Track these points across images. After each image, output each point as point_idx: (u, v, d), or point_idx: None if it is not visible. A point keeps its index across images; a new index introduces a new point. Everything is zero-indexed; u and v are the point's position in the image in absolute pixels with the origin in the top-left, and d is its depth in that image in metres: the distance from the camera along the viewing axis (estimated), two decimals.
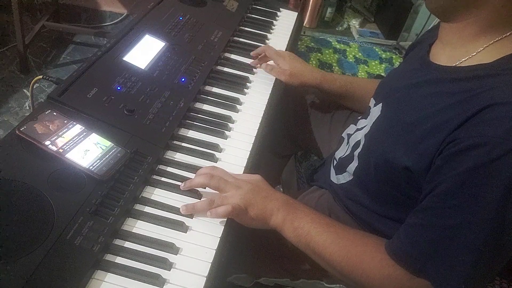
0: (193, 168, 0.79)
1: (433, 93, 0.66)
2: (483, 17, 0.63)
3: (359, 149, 0.81)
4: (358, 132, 0.85)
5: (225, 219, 0.72)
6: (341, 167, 0.87)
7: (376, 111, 0.80)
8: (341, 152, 0.90)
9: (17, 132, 0.69)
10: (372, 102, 0.85)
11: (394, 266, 0.64)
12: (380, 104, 0.79)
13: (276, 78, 1.06)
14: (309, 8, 2.39)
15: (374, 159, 0.74)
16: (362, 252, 0.69)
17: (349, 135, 0.90)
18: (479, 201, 0.56)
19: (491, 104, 0.56)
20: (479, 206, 0.56)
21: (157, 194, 0.74)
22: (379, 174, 0.73)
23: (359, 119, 0.90)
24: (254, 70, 1.09)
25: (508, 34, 0.62)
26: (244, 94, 1.01)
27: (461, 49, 0.67)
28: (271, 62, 1.08)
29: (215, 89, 1.00)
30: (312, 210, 0.75)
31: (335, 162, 0.91)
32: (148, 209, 0.71)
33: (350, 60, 2.34)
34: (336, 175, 0.89)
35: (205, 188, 0.75)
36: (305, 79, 1.03)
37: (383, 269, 0.66)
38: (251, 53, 1.10)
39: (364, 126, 0.83)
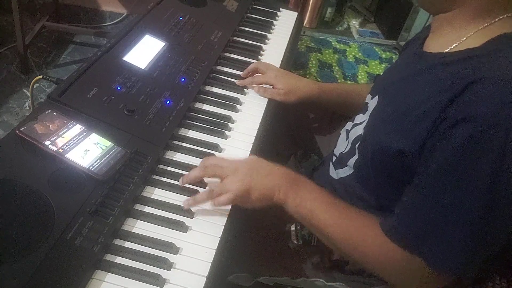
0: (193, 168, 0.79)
1: (424, 80, 0.67)
2: (475, 5, 0.64)
3: (359, 142, 0.82)
4: (357, 126, 0.86)
5: (225, 219, 0.72)
6: (342, 162, 0.87)
7: (372, 103, 0.81)
8: (341, 148, 0.90)
9: (17, 132, 0.69)
10: (368, 97, 0.86)
11: (391, 245, 0.65)
12: (377, 97, 0.80)
13: None
14: (309, 8, 2.39)
15: (371, 147, 0.75)
16: (364, 233, 0.69)
17: (347, 131, 0.90)
18: (469, 176, 0.57)
19: (477, 79, 0.57)
20: (470, 181, 0.57)
21: (157, 194, 0.74)
22: (376, 163, 0.74)
23: (357, 115, 0.90)
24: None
25: (496, 20, 0.63)
26: (244, 94, 1.01)
27: (452, 36, 0.68)
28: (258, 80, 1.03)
29: (215, 89, 1.00)
30: (316, 187, 0.74)
31: (334, 159, 0.92)
32: (148, 209, 0.71)
33: (350, 60, 2.34)
34: (335, 170, 0.89)
35: (203, 185, 0.75)
36: (301, 94, 0.99)
37: (382, 250, 0.66)
38: (242, 74, 1.04)
39: (363, 121, 0.83)
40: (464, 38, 0.66)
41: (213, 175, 0.74)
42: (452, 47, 0.67)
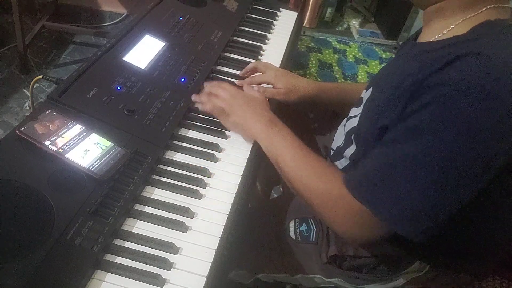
0: (193, 168, 0.79)
1: (412, 64, 0.69)
2: None
3: (354, 134, 0.82)
4: (352, 119, 0.87)
5: (225, 219, 0.72)
6: (339, 154, 0.88)
7: (366, 95, 0.82)
8: (338, 142, 0.91)
9: (17, 132, 0.69)
10: (363, 92, 0.87)
11: (346, 193, 0.67)
12: (370, 88, 0.82)
13: None
14: (309, 8, 2.39)
15: (364, 135, 0.76)
16: (321, 178, 0.73)
17: (344, 126, 0.91)
18: (428, 135, 0.59)
19: (461, 55, 0.59)
20: (428, 140, 0.59)
21: (157, 194, 0.74)
22: (369, 151, 0.74)
23: (352, 109, 0.91)
24: None
25: (483, 9, 0.65)
26: None
27: (440, 26, 0.70)
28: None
29: None
30: (292, 135, 0.81)
31: (331, 153, 0.92)
32: (148, 209, 0.71)
33: (350, 60, 2.34)
34: (333, 163, 0.90)
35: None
36: (301, 93, 1.00)
37: (335, 196, 0.69)
38: (240, 73, 1.05)
39: (358, 113, 0.84)
40: (453, 26, 0.68)
41: (216, 93, 0.89)
42: (440, 35, 0.69)
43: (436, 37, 0.70)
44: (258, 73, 1.04)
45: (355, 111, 0.87)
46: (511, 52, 0.60)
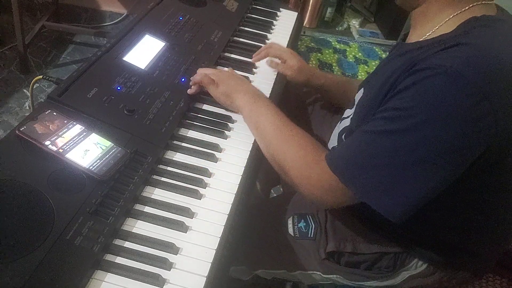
0: (193, 168, 0.79)
1: (399, 62, 0.70)
2: None
3: (345, 133, 0.84)
4: (345, 119, 0.87)
5: (225, 219, 0.72)
6: None
7: (359, 95, 0.83)
8: (333, 142, 0.91)
9: (17, 132, 0.69)
10: (356, 94, 0.88)
11: (322, 165, 0.69)
12: (362, 89, 0.83)
13: (275, 78, 1.06)
14: (309, 8, 2.39)
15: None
16: (302, 149, 0.75)
17: (338, 127, 0.91)
18: (405, 116, 0.60)
19: (447, 47, 0.61)
20: (403, 120, 0.60)
21: (157, 194, 0.74)
22: None
23: (346, 109, 0.91)
24: (254, 70, 1.09)
25: (467, 8, 0.67)
26: None
27: (427, 26, 0.71)
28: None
29: None
30: (276, 107, 0.84)
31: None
32: (148, 209, 0.71)
33: (350, 60, 2.34)
34: None
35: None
36: (310, 76, 1.04)
37: (309, 161, 0.72)
38: (253, 59, 1.09)
39: (351, 114, 0.84)
40: (437, 27, 0.69)
41: (205, 71, 0.93)
42: (426, 35, 0.71)
43: (423, 37, 0.71)
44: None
45: (348, 112, 0.88)
46: (496, 42, 0.61)
